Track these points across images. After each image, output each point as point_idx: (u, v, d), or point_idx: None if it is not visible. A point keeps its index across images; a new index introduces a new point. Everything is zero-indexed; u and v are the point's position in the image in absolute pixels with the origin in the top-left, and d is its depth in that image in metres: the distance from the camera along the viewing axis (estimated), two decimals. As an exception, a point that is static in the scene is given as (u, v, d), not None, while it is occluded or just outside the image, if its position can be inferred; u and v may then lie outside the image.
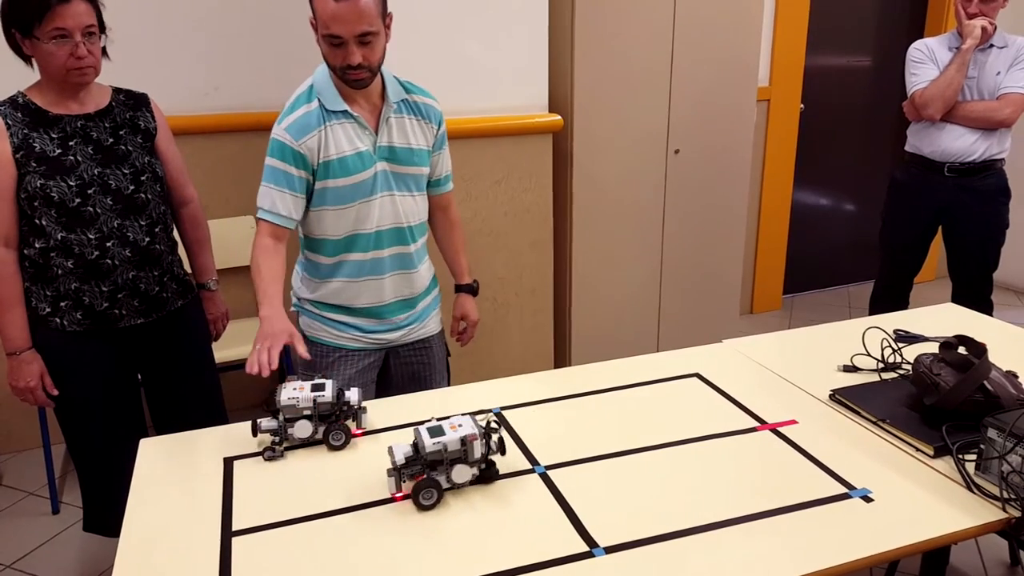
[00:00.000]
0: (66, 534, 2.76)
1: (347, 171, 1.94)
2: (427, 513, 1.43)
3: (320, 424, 1.65)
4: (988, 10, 3.15)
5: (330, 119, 1.92)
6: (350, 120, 1.94)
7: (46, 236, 1.98)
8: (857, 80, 4.86)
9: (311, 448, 1.66)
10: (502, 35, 2.90)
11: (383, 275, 2.06)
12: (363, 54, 1.83)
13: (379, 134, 1.97)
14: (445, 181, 2.23)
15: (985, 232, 3.33)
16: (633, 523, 1.40)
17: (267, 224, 1.94)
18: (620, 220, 3.44)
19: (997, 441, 1.44)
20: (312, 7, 1.84)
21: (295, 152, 1.90)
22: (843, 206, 5.10)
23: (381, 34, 1.86)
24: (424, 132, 2.07)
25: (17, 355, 2.03)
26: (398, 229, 2.05)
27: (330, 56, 1.86)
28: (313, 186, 1.96)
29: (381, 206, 2.01)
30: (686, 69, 3.38)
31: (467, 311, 2.34)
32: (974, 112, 3.18)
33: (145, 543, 1.37)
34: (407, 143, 2.02)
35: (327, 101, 1.92)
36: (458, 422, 1.48)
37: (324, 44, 1.85)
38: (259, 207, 1.94)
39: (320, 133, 1.91)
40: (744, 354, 2.10)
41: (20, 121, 1.94)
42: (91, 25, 1.93)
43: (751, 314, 4.82)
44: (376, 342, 2.13)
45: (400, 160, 2.01)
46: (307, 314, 2.12)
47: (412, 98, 2.05)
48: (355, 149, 1.94)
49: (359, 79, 1.87)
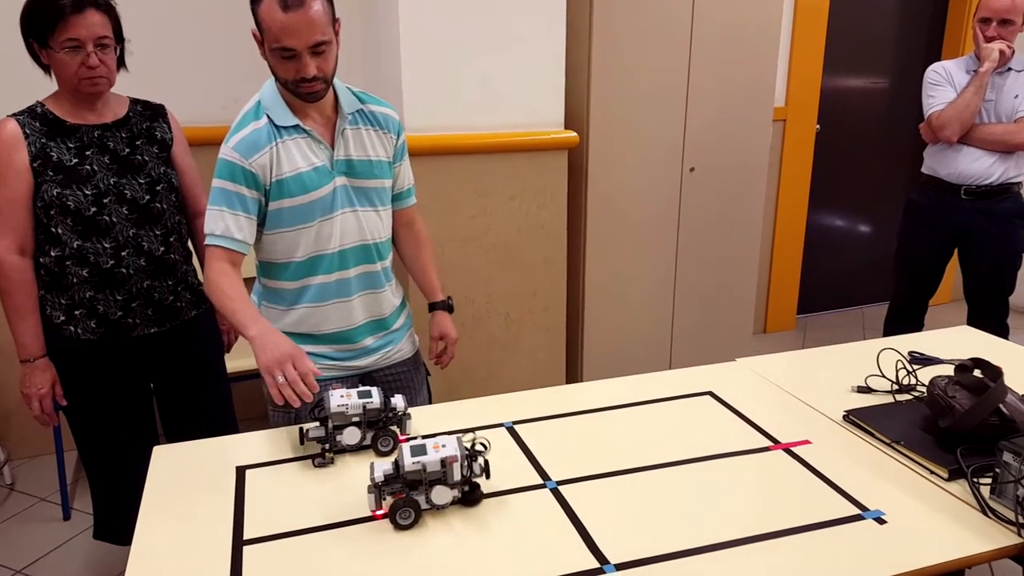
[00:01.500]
0: (76, 540, 2.76)
1: (304, 188, 1.84)
2: (435, 529, 1.43)
3: (368, 430, 1.67)
4: (1006, 33, 3.14)
5: (281, 135, 1.82)
6: (303, 135, 1.84)
7: (62, 245, 1.99)
8: (874, 102, 4.86)
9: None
10: (519, 51, 2.91)
11: (351, 297, 1.96)
12: (317, 65, 1.74)
13: (335, 148, 1.88)
14: (408, 194, 2.12)
15: (1001, 255, 3.31)
16: (644, 540, 1.39)
17: (221, 250, 1.82)
18: (634, 237, 3.44)
19: (1013, 465, 1.43)
20: (256, 19, 1.74)
21: (245, 171, 1.79)
22: (858, 227, 5.08)
23: (333, 42, 1.78)
24: (383, 143, 1.97)
25: (31, 362, 2.04)
26: (363, 246, 1.95)
27: (280, 70, 1.77)
28: (266, 207, 1.85)
29: (343, 223, 1.91)
30: (702, 87, 3.39)
31: (445, 329, 2.20)
32: (992, 135, 3.17)
33: (156, 552, 1.37)
34: (366, 155, 1.92)
35: (277, 117, 1.82)
36: (443, 442, 1.45)
37: (273, 57, 1.76)
38: (209, 232, 1.82)
39: (271, 150, 1.81)
40: (758, 373, 2.09)
41: (38, 130, 1.96)
42: (104, 36, 1.94)
43: (765, 333, 4.80)
44: (348, 369, 2.02)
45: (360, 174, 1.92)
46: None
47: (368, 108, 1.95)
48: (311, 164, 1.84)
49: (313, 91, 1.79)
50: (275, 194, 1.84)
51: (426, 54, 2.79)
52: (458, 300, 3.02)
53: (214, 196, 1.82)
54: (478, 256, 3.05)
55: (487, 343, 3.16)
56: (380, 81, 3.04)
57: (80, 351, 2.08)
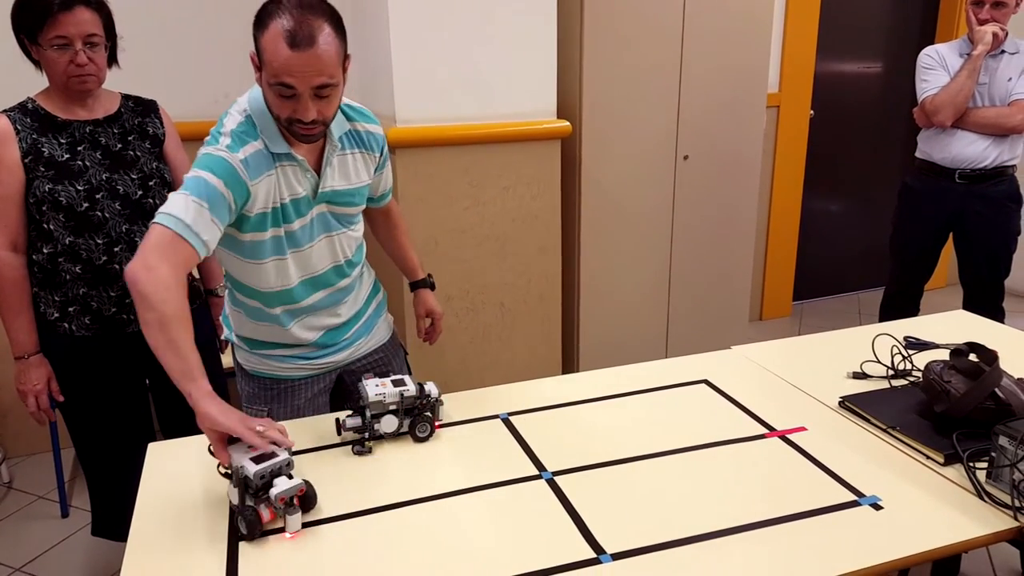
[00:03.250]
0: (75, 538, 2.76)
1: (288, 219, 1.72)
2: (434, 518, 1.43)
3: (404, 417, 1.69)
4: (999, 16, 3.13)
5: (276, 162, 1.67)
6: (292, 163, 1.69)
7: (54, 241, 1.99)
8: (867, 86, 4.85)
9: (320, 452, 1.66)
10: (511, 41, 2.90)
11: (319, 311, 1.89)
12: (318, 108, 1.57)
13: (321, 177, 1.74)
14: (385, 196, 2.05)
15: (996, 239, 3.31)
16: (640, 530, 1.39)
17: (181, 241, 1.51)
18: (629, 226, 3.43)
19: (1008, 449, 1.43)
20: (257, 46, 1.55)
21: (244, 185, 1.61)
22: (853, 213, 5.08)
23: (340, 84, 1.60)
24: (367, 165, 1.86)
25: (25, 359, 2.04)
26: (336, 267, 1.87)
27: (275, 106, 1.58)
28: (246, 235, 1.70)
29: (319, 251, 1.81)
30: (695, 75, 3.38)
31: (430, 306, 2.17)
32: (985, 118, 3.16)
33: (152, 548, 1.37)
34: (348, 184, 1.81)
35: (269, 142, 1.65)
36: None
37: (271, 92, 1.56)
38: (169, 213, 1.52)
39: (274, 177, 1.66)
40: (753, 360, 2.09)
41: (29, 126, 1.95)
42: (94, 34, 1.93)
43: (760, 320, 4.81)
44: (323, 366, 1.96)
45: (340, 202, 1.81)
46: (244, 349, 1.94)
47: (355, 127, 1.81)
48: (294, 195, 1.71)
49: (311, 134, 1.61)
50: (257, 223, 1.68)
51: (417, 45, 2.78)
52: (453, 291, 3.02)
53: (192, 184, 1.56)
54: (472, 247, 3.04)
55: (482, 334, 3.16)
56: (371, 73, 3.03)
57: (75, 348, 2.08)
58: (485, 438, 1.72)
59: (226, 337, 2.01)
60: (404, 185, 2.10)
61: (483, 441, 1.71)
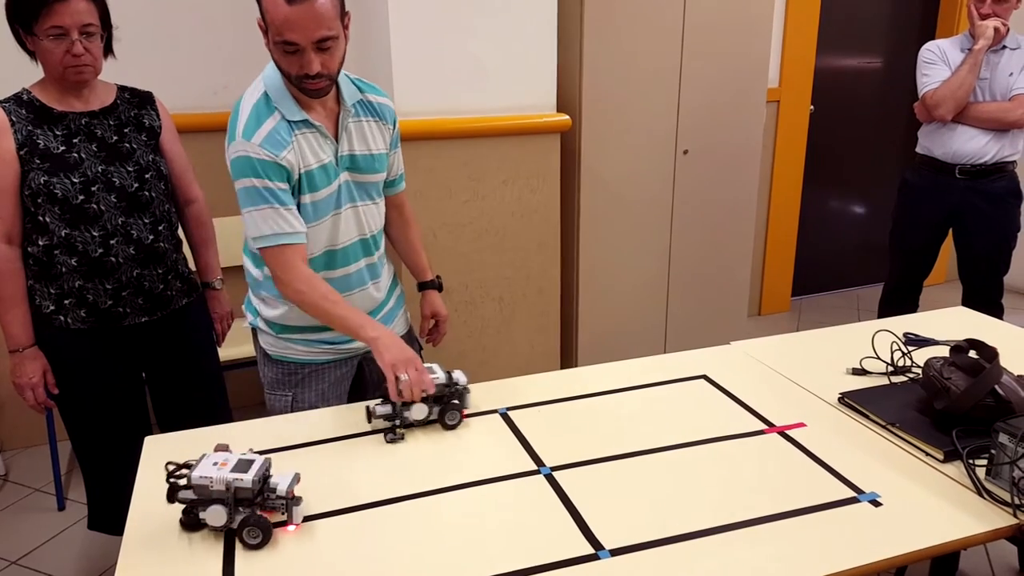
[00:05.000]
0: (71, 531, 2.76)
1: (314, 186, 1.79)
2: (431, 514, 1.42)
3: (434, 405, 1.70)
4: (1001, 11, 3.12)
5: (294, 130, 1.76)
6: (312, 130, 1.78)
7: (50, 233, 1.97)
8: (868, 81, 4.84)
9: (316, 446, 1.65)
10: (510, 34, 2.89)
11: (352, 291, 1.93)
12: (322, 61, 1.66)
13: (339, 142, 1.83)
14: (399, 180, 2.08)
15: (996, 235, 3.31)
16: (639, 525, 1.38)
17: (286, 249, 1.74)
18: (628, 221, 3.42)
19: (1008, 446, 1.42)
20: (260, 8, 1.66)
21: (278, 166, 1.72)
22: (853, 208, 5.08)
23: (341, 38, 1.70)
24: (383, 134, 1.93)
25: (20, 352, 2.03)
26: (363, 240, 1.93)
27: (284, 64, 1.69)
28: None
29: (346, 219, 1.88)
30: (695, 69, 3.37)
31: (436, 308, 2.19)
32: (986, 113, 3.16)
33: (148, 541, 1.36)
34: (368, 149, 1.88)
35: (286, 111, 1.75)
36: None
37: (276, 51, 1.68)
38: (261, 235, 1.74)
39: (295, 146, 1.75)
40: (752, 356, 2.08)
41: (24, 118, 1.94)
42: (90, 24, 1.91)
43: (759, 316, 4.80)
44: (347, 352, 2.00)
45: (362, 168, 1.88)
46: (269, 335, 1.97)
47: (367, 98, 1.89)
48: (319, 162, 1.79)
49: (318, 88, 1.71)
50: (298, 190, 1.78)
51: (416, 38, 2.76)
52: (452, 285, 3.01)
53: (246, 198, 1.73)
54: (471, 241, 3.03)
55: (481, 328, 3.15)
56: (371, 66, 3.01)
57: (71, 341, 2.07)
58: (483, 433, 1.71)
59: (251, 324, 2.03)
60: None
61: (481, 436, 1.70)
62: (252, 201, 1.73)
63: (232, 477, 1.33)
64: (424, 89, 2.83)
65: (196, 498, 1.35)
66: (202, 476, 1.33)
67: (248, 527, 1.33)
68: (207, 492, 1.33)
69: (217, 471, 1.34)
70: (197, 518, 1.36)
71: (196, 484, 1.33)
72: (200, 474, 1.33)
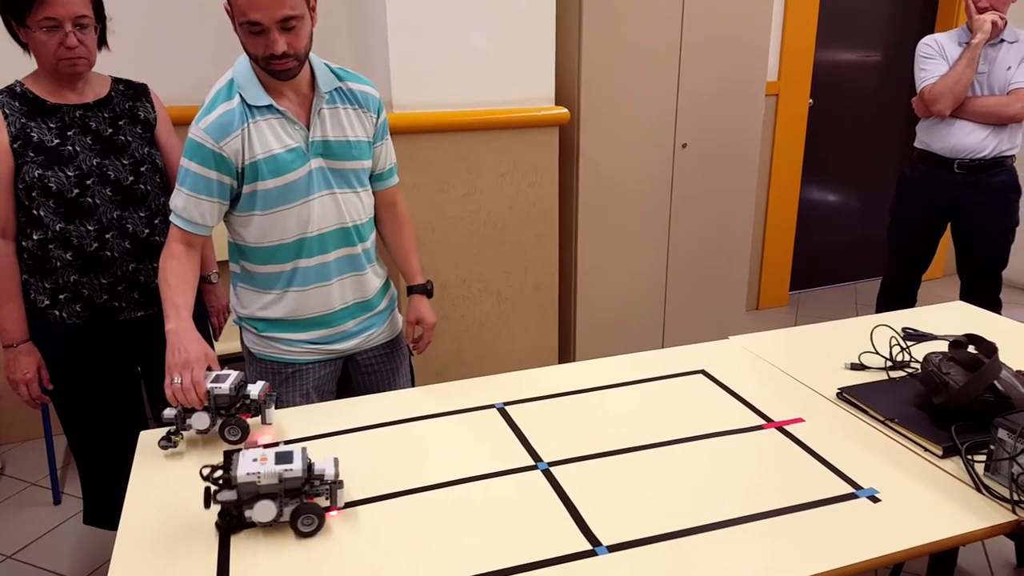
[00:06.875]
0: (67, 525, 2.75)
1: (278, 171, 1.78)
2: (428, 508, 1.41)
3: (218, 417, 1.63)
4: (999, 4, 3.11)
5: (253, 116, 1.75)
6: (276, 115, 1.77)
7: (44, 227, 1.96)
8: (867, 75, 4.83)
9: (312, 441, 1.64)
10: (508, 27, 2.88)
11: (330, 281, 1.91)
12: (287, 41, 1.67)
13: (311, 128, 1.81)
14: (389, 175, 2.04)
15: (994, 229, 3.30)
16: (637, 521, 1.38)
17: (178, 230, 1.79)
18: (626, 215, 3.41)
19: (1007, 442, 1.42)
20: None
21: (215, 154, 1.73)
22: (851, 202, 5.07)
23: (306, 17, 1.70)
24: (363, 122, 1.90)
25: (14, 347, 2.02)
26: (343, 230, 1.90)
27: (250, 45, 1.70)
28: (240, 190, 1.80)
29: (322, 206, 1.85)
30: (694, 63, 3.35)
31: (422, 314, 2.09)
32: (984, 107, 3.15)
33: (143, 536, 1.35)
34: (343, 136, 1.85)
35: (249, 96, 1.75)
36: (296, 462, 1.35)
37: (242, 32, 1.68)
38: (176, 212, 1.80)
39: (243, 132, 1.74)
40: (750, 351, 2.07)
41: (17, 110, 1.93)
42: (83, 16, 1.89)
43: (757, 310, 4.80)
44: (330, 352, 1.98)
45: (337, 155, 1.85)
46: (252, 332, 1.96)
47: (346, 86, 1.87)
48: (285, 146, 1.78)
49: (285, 69, 1.71)
50: (249, 177, 1.78)
51: (414, 31, 2.75)
52: (449, 279, 3.01)
53: (182, 175, 1.77)
54: (469, 234, 3.02)
55: (478, 322, 3.14)
56: (368, 59, 3.00)
57: (66, 336, 2.05)
58: (480, 428, 1.71)
59: (235, 321, 2.01)
60: (400, 171, 2.09)
61: (478, 431, 1.69)
62: (182, 181, 1.77)
63: (282, 469, 1.33)
64: (422, 82, 2.81)
65: (237, 498, 1.33)
66: (249, 473, 1.32)
67: (303, 515, 1.33)
68: (254, 488, 1.32)
69: (261, 466, 1.33)
70: (238, 519, 1.34)
71: (242, 483, 1.32)
72: (246, 471, 1.32)
